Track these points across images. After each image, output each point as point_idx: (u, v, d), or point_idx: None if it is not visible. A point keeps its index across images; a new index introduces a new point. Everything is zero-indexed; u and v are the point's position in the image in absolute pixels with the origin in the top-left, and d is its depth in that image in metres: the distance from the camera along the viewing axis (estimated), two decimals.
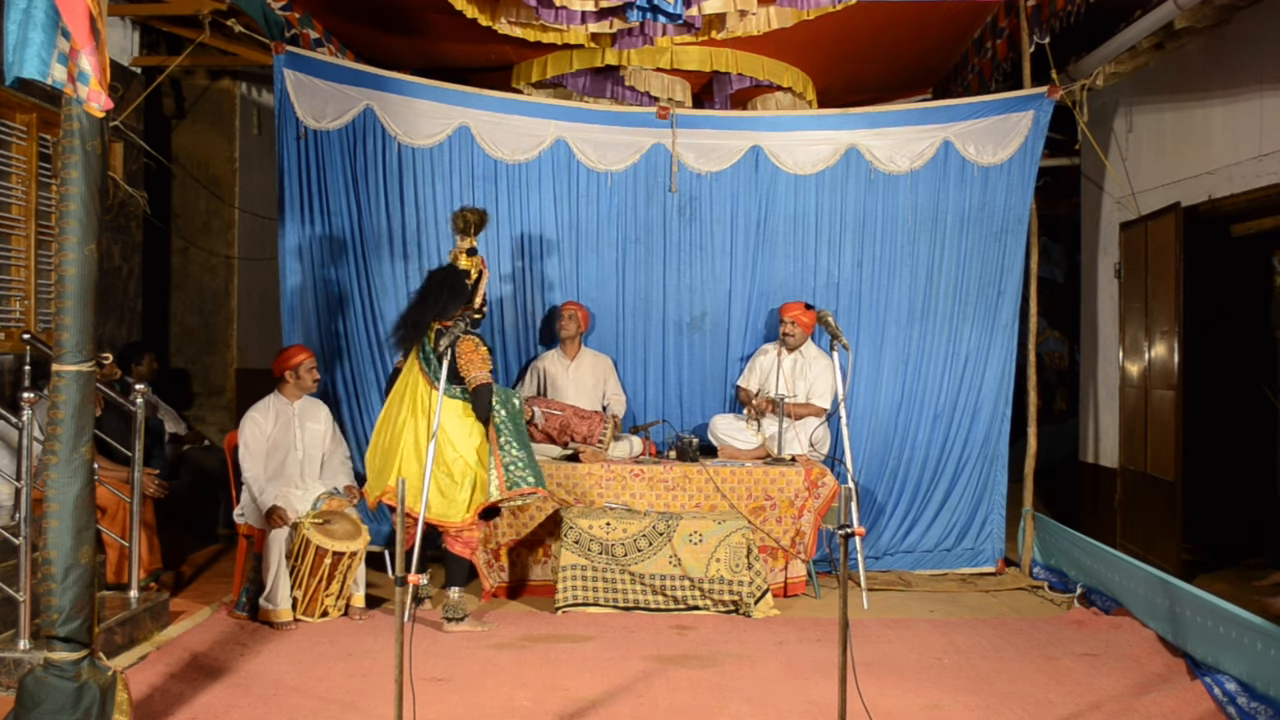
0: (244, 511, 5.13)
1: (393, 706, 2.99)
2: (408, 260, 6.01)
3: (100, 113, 3.08)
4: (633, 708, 3.83)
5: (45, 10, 2.97)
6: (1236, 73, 5.42)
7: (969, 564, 6.13)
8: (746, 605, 5.09)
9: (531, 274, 6.17)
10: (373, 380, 6.04)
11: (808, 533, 5.44)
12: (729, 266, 6.19)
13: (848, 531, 3.09)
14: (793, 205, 6.16)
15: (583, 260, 6.20)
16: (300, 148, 5.90)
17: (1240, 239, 6.43)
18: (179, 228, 7.74)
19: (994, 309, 6.12)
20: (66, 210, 3.14)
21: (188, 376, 7.79)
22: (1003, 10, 6.22)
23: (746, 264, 6.17)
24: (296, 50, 5.91)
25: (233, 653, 4.40)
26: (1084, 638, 4.80)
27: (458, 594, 4.93)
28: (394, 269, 6.01)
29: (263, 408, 5.20)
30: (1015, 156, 6.03)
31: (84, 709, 3.15)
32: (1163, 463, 5.81)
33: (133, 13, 6.29)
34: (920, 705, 3.89)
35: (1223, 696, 3.85)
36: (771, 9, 5.66)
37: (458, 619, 4.81)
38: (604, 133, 6.12)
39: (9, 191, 5.46)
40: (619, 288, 6.22)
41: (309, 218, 5.95)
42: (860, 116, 6.20)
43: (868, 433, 6.13)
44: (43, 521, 3.18)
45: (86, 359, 3.18)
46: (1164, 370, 5.82)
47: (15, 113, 5.51)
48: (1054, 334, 9.80)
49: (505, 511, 5.39)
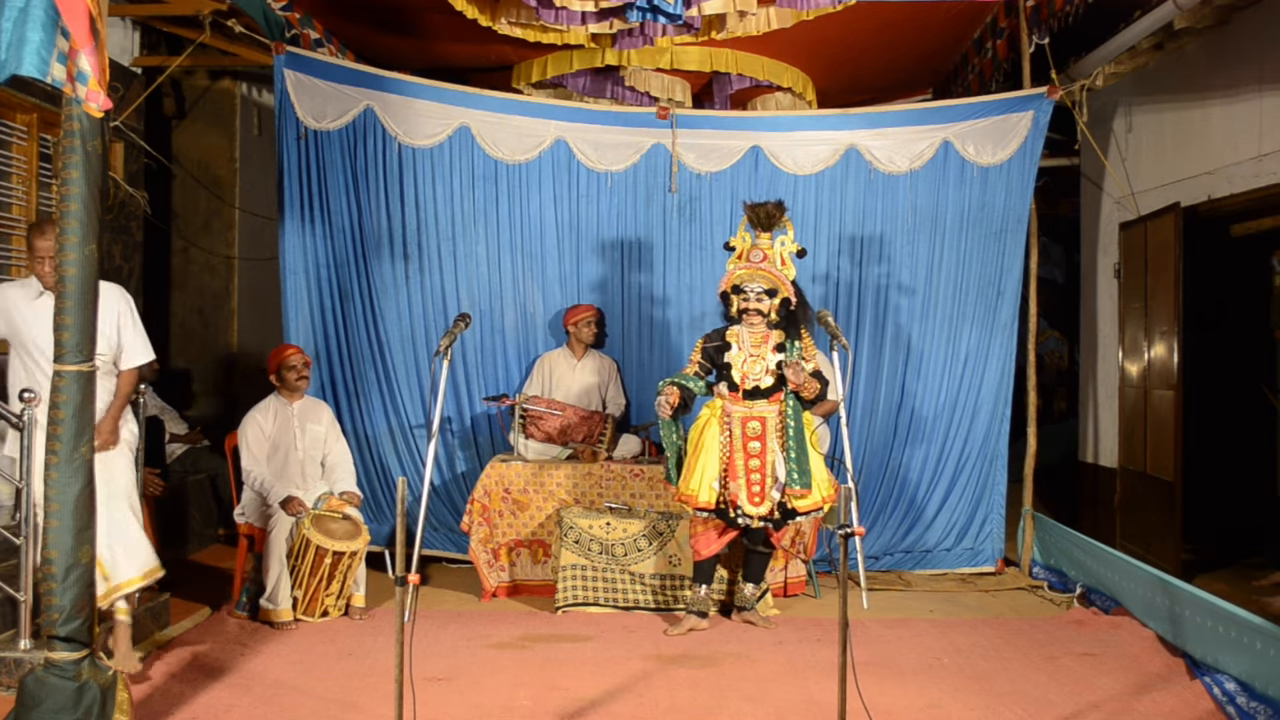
0: (244, 511, 5.13)
1: (393, 706, 2.99)
2: (408, 260, 6.02)
3: (99, 113, 3.08)
4: (633, 708, 3.83)
5: (45, 9, 2.97)
6: (1236, 73, 5.42)
7: (968, 564, 6.13)
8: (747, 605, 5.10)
9: (531, 274, 6.17)
10: (373, 380, 6.05)
11: (807, 532, 5.44)
12: None
13: (848, 531, 3.09)
14: (792, 205, 6.10)
15: (583, 260, 6.20)
16: (300, 148, 5.91)
17: (1240, 239, 6.44)
18: (179, 228, 7.74)
19: (994, 309, 6.12)
20: (67, 210, 3.14)
21: (188, 376, 7.79)
22: (1002, 10, 6.23)
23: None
24: (297, 50, 5.92)
25: (233, 652, 4.41)
26: (1083, 637, 4.80)
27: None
28: (394, 269, 6.02)
29: (263, 408, 5.21)
30: (1015, 157, 6.03)
31: (84, 709, 3.15)
32: (1162, 463, 5.81)
33: (133, 13, 6.29)
34: (920, 705, 3.89)
35: (1222, 696, 3.86)
36: (771, 9, 5.67)
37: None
38: (604, 133, 6.12)
39: (9, 192, 5.46)
40: (619, 288, 6.23)
41: (309, 218, 5.95)
42: (860, 117, 6.20)
43: (868, 432, 6.14)
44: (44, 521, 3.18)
45: (87, 359, 3.18)
46: (1163, 370, 5.83)
47: (16, 113, 5.51)
48: (1054, 334, 9.80)
49: (505, 511, 5.40)
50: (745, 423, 4.72)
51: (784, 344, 4.73)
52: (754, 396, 4.73)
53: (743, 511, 4.68)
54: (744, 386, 4.72)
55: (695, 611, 4.86)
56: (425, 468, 5.26)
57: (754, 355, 4.73)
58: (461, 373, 6.09)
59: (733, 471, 4.70)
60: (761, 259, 4.71)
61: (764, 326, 4.74)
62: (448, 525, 6.02)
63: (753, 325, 4.74)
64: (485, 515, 5.39)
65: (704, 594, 4.90)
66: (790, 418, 4.71)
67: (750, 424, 4.72)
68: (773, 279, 4.68)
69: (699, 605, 4.88)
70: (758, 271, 4.68)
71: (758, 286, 4.67)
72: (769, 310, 4.70)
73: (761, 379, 4.72)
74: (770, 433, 4.72)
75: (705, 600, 4.90)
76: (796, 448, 4.68)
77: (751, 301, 4.69)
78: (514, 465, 5.46)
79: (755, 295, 4.68)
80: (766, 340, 4.75)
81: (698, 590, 4.90)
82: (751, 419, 4.72)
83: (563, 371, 5.98)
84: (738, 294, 4.73)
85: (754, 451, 4.71)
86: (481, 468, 5.78)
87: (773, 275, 4.69)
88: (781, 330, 4.75)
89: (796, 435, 4.69)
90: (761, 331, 4.75)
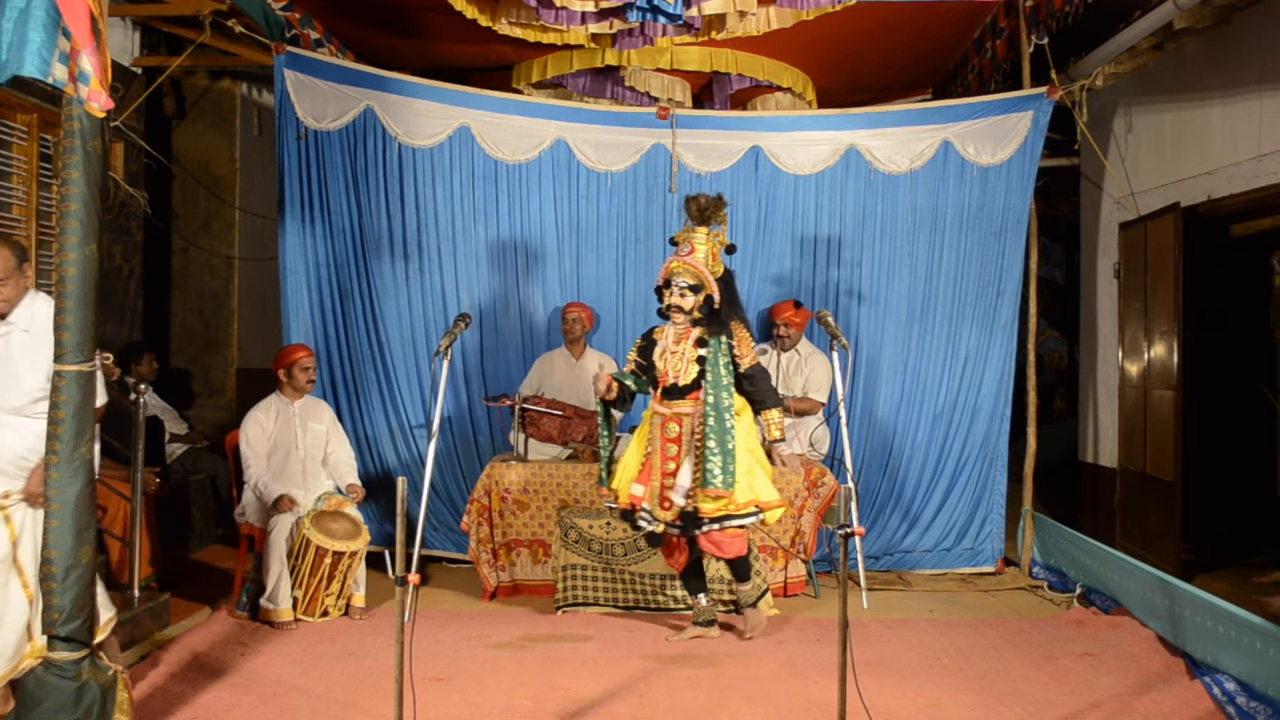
0: (244, 511, 5.14)
1: (393, 706, 2.99)
2: (408, 260, 6.02)
3: (101, 113, 3.08)
4: (633, 707, 3.83)
5: (46, 9, 2.97)
6: (1236, 73, 5.42)
7: (968, 564, 6.13)
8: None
9: (531, 274, 6.17)
10: (373, 380, 6.05)
11: (807, 532, 5.45)
12: (728, 266, 6.18)
13: (847, 531, 3.09)
14: (792, 205, 6.16)
15: (583, 260, 6.20)
16: (301, 148, 5.91)
17: (1239, 239, 6.44)
18: (179, 228, 7.74)
19: (993, 309, 6.13)
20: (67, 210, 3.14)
21: (188, 376, 7.79)
22: (1002, 10, 6.23)
23: (746, 264, 6.17)
24: (297, 51, 5.92)
25: (233, 652, 4.41)
26: (1083, 637, 4.81)
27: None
28: (394, 269, 6.02)
29: (264, 407, 5.21)
30: (1015, 157, 6.03)
31: (85, 708, 3.15)
32: (1162, 463, 5.81)
33: (133, 13, 6.29)
34: (920, 705, 3.89)
35: (1222, 696, 3.86)
36: (771, 9, 5.67)
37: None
38: (604, 133, 6.13)
39: (10, 192, 5.46)
40: (619, 288, 6.23)
41: (309, 218, 5.96)
42: (860, 117, 6.21)
43: (867, 433, 6.14)
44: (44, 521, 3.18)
45: (87, 359, 3.18)
46: (1163, 370, 5.83)
47: (16, 113, 5.51)
48: (1054, 334, 9.81)
49: (505, 511, 5.40)
50: (665, 424, 4.56)
51: (705, 339, 4.55)
52: (674, 395, 4.56)
53: (650, 516, 4.55)
54: (664, 383, 4.58)
55: (701, 623, 4.79)
56: (425, 468, 5.27)
57: (674, 351, 4.58)
58: (461, 373, 6.09)
59: (647, 474, 4.57)
60: (689, 252, 4.53)
61: (687, 322, 4.57)
62: (448, 525, 6.02)
63: (676, 321, 4.58)
64: (485, 515, 5.39)
65: (704, 604, 4.82)
66: (711, 415, 4.45)
67: (669, 425, 4.55)
68: (697, 274, 4.50)
69: (702, 616, 4.80)
70: (684, 266, 4.52)
71: (683, 281, 4.50)
72: (691, 307, 4.52)
73: (681, 375, 4.55)
74: (686, 434, 4.54)
75: (708, 610, 4.82)
76: (718, 445, 4.40)
77: (675, 296, 4.52)
78: (514, 465, 5.46)
79: (679, 291, 4.51)
80: (688, 336, 4.58)
81: (697, 601, 4.83)
82: (671, 420, 4.56)
83: (562, 371, 5.98)
84: (666, 288, 4.58)
85: (671, 454, 4.52)
86: (481, 468, 5.79)
87: (697, 270, 4.50)
88: (705, 327, 4.57)
89: (718, 433, 4.42)
90: (684, 327, 4.58)
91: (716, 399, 4.46)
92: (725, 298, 4.58)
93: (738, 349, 4.57)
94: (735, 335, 4.58)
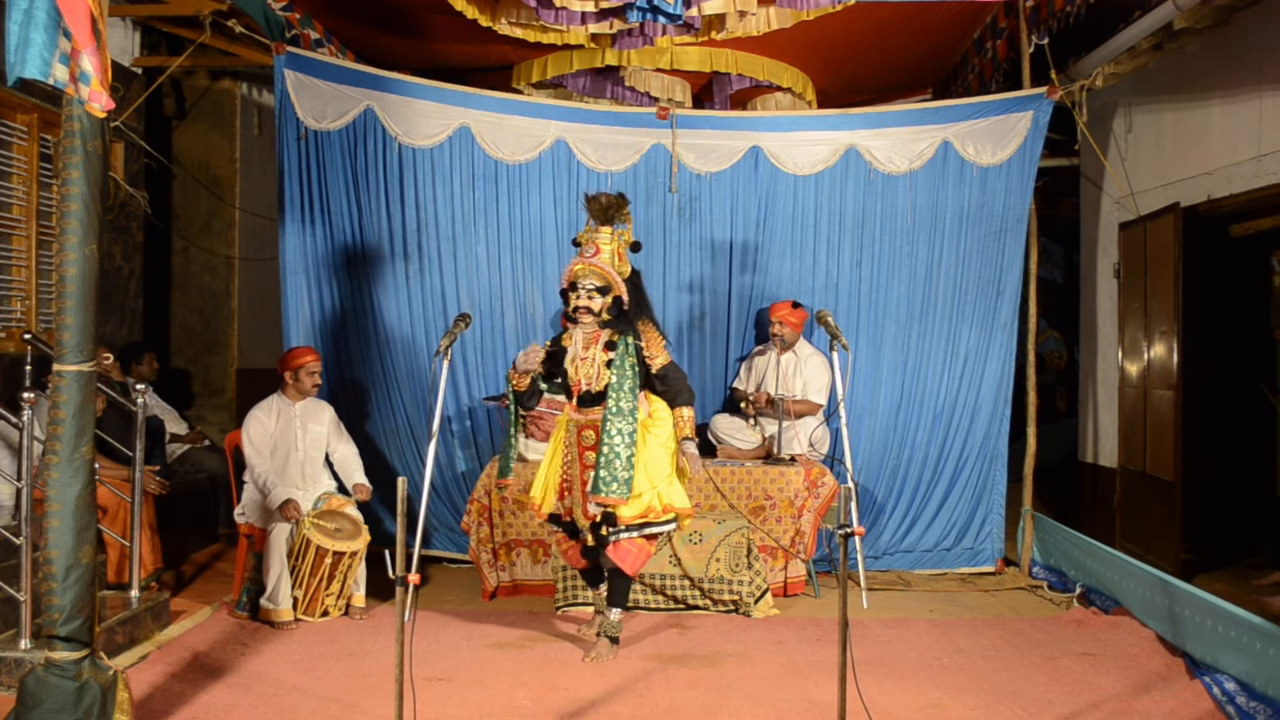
0: (244, 511, 5.14)
1: (393, 706, 2.99)
2: (408, 260, 6.02)
3: (102, 113, 3.09)
4: (633, 707, 3.84)
5: (47, 11, 2.97)
6: (1235, 73, 5.43)
7: (968, 564, 6.13)
8: (746, 605, 5.10)
9: (531, 274, 6.17)
10: (373, 380, 6.05)
11: (807, 532, 5.45)
12: (729, 266, 6.20)
13: (847, 531, 3.09)
14: (792, 205, 6.16)
15: None
16: (301, 148, 5.91)
17: (1239, 239, 6.44)
18: (179, 228, 7.75)
19: (993, 309, 6.13)
20: (67, 210, 3.14)
21: (188, 376, 7.80)
22: (1002, 11, 6.23)
23: (746, 264, 6.18)
24: (297, 51, 5.92)
25: (233, 652, 4.41)
26: (1083, 637, 4.81)
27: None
28: (394, 269, 6.02)
29: (266, 407, 5.21)
30: (1014, 157, 6.03)
31: (85, 708, 3.16)
32: (1162, 463, 5.82)
33: (133, 13, 6.30)
34: (920, 705, 3.89)
35: (1222, 696, 3.86)
36: (771, 9, 5.67)
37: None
38: (604, 133, 6.12)
39: (10, 192, 5.47)
40: None
41: (309, 218, 5.96)
42: (860, 117, 6.20)
43: (867, 433, 6.14)
44: (44, 521, 3.19)
45: (87, 359, 3.19)
46: (1163, 370, 5.83)
47: (16, 113, 5.51)
48: (1053, 334, 9.80)
49: (505, 511, 5.40)
50: (581, 431, 4.44)
51: (614, 342, 4.44)
52: (588, 402, 4.42)
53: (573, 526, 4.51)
54: (578, 391, 4.47)
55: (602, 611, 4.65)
56: (425, 468, 5.27)
57: (584, 358, 4.45)
58: (461, 373, 6.09)
59: (570, 483, 4.50)
60: (594, 253, 4.40)
61: (595, 325, 4.44)
62: (448, 525, 6.03)
63: (584, 324, 4.43)
64: (485, 515, 5.39)
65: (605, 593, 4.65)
66: (609, 419, 4.32)
67: (585, 433, 4.43)
68: (604, 275, 4.37)
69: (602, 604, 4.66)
70: (590, 267, 4.39)
71: (589, 283, 4.36)
72: (600, 309, 4.38)
73: (594, 381, 4.41)
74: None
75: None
76: (611, 451, 4.28)
77: (582, 299, 4.37)
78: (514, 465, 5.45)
79: (586, 293, 4.36)
80: (597, 340, 4.45)
81: (599, 593, 4.70)
82: (586, 428, 4.42)
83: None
84: (572, 291, 4.43)
85: (589, 463, 4.39)
86: (481, 468, 5.79)
87: (604, 271, 4.37)
88: (613, 330, 4.46)
89: (611, 437, 4.29)
90: (592, 330, 4.45)
91: (617, 403, 4.33)
92: (633, 298, 4.47)
93: (647, 350, 4.44)
94: (644, 335, 4.47)
